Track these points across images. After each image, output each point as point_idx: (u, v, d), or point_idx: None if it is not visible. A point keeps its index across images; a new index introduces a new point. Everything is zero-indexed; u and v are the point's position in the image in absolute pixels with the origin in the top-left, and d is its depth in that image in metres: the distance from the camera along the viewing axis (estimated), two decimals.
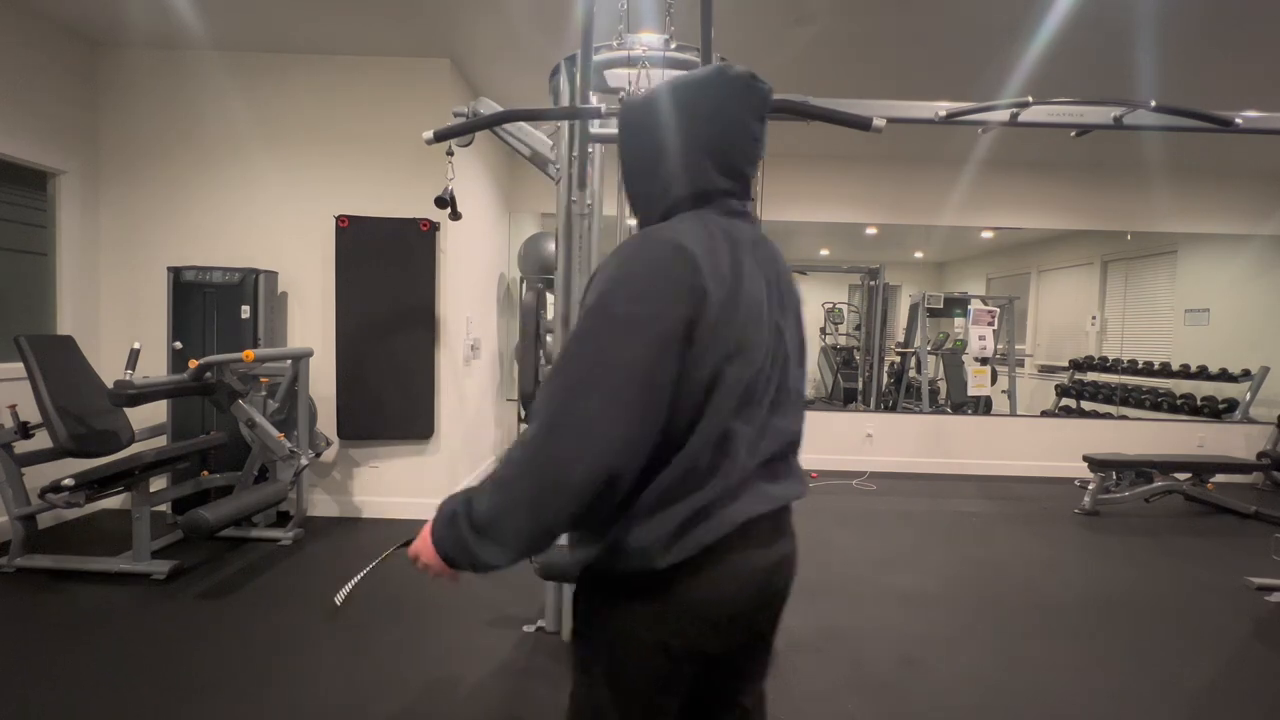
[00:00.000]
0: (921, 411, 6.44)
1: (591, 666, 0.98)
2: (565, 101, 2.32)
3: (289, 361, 3.63)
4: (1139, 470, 4.69)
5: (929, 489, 5.22)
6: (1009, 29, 3.32)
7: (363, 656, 2.40)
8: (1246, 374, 5.87)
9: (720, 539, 0.90)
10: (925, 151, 5.51)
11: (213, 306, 3.73)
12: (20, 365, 3.05)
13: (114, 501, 3.65)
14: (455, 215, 2.80)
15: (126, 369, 2.89)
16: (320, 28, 3.60)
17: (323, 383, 3.89)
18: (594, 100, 1.97)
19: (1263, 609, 3.03)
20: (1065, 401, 7.15)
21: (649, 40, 2.12)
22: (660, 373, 0.82)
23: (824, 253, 8.87)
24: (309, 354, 3.66)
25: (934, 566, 3.48)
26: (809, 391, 8.46)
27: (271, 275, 3.87)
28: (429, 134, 1.82)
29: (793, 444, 1.02)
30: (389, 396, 3.92)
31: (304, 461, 3.44)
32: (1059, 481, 5.46)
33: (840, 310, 8.32)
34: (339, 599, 2.67)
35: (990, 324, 6.13)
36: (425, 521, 0.92)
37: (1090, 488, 4.64)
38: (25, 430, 3.10)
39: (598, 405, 0.80)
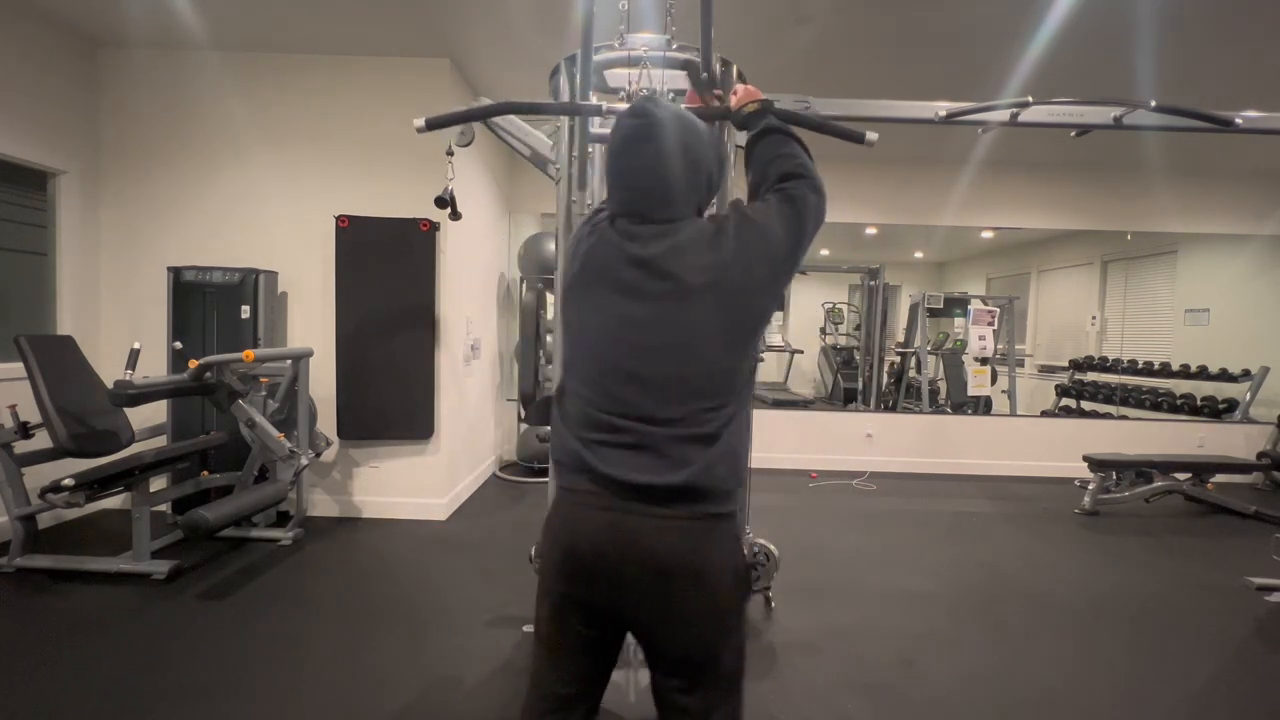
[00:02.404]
0: (921, 411, 6.43)
1: None
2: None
3: (289, 361, 3.62)
4: (1139, 470, 4.69)
5: (929, 489, 5.22)
6: (1009, 29, 3.32)
7: (363, 656, 2.40)
8: (1246, 374, 5.87)
9: (558, 488, 1.15)
10: (925, 151, 5.50)
11: (213, 306, 3.73)
12: (20, 365, 3.04)
13: (114, 501, 3.64)
14: (455, 215, 2.80)
15: (126, 369, 2.89)
16: (320, 28, 3.60)
17: (323, 383, 3.89)
18: (593, 99, 1.96)
19: (1263, 609, 3.03)
20: (1065, 401, 7.15)
21: (649, 40, 2.12)
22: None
23: (824, 253, 8.86)
24: (309, 354, 3.66)
25: (934, 566, 3.48)
26: (808, 391, 8.47)
27: (271, 275, 3.87)
28: (420, 121, 1.76)
29: (643, 429, 1.06)
30: (389, 396, 3.92)
31: (304, 461, 3.44)
32: (1059, 481, 5.45)
33: (840, 310, 8.32)
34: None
35: (990, 324, 6.13)
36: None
37: (1090, 488, 4.64)
38: (25, 430, 3.09)
39: None
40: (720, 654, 1.11)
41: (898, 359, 7.38)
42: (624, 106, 1.92)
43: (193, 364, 3.01)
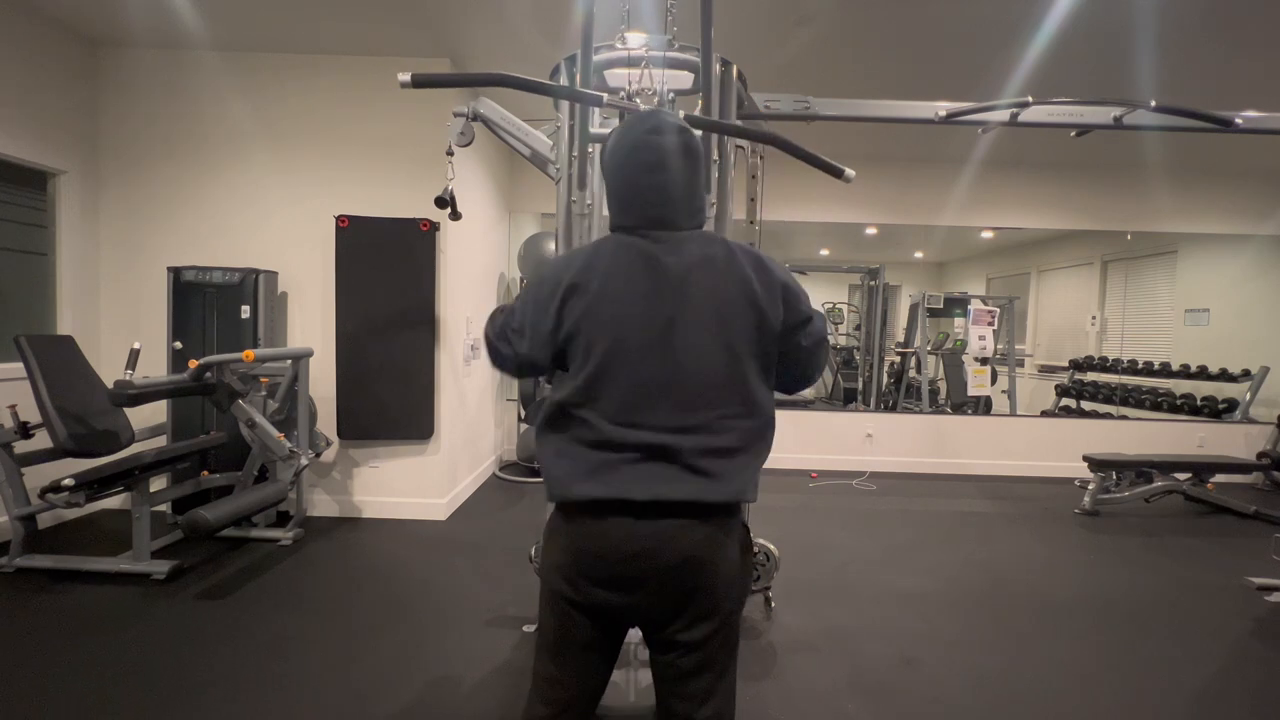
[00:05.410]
0: (921, 411, 6.43)
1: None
2: (565, 105, 2.32)
3: (289, 361, 3.62)
4: (1139, 470, 4.69)
5: (929, 489, 5.22)
6: (1009, 29, 3.32)
7: (363, 657, 2.40)
8: (1246, 374, 5.87)
9: (572, 501, 1.14)
10: (925, 151, 5.50)
11: (213, 306, 3.73)
12: (20, 365, 3.04)
13: (114, 501, 3.64)
14: (455, 215, 2.80)
15: (126, 369, 2.89)
16: (320, 28, 3.60)
17: (323, 383, 3.89)
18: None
19: (1263, 609, 3.04)
20: (1065, 401, 7.15)
21: (649, 40, 2.12)
22: (539, 322, 1.16)
23: (824, 253, 8.87)
24: (309, 354, 3.66)
25: (934, 566, 3.48)
26: (808, 392, 8.47)
27: (271, 275, 3.87)
28: (405, 76, 1.64)
29: (671, 442, 1.10)
30: (389, 396, 3.92)
31: (304, 461, 3.44)
32: (1059, 481, 5.46)
33: (840, 310, 8.32)
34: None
35: (990, 324, 6.13)
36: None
37: (1090, 488, 4.64)
38: (25, 430, 3.10)
39: (513, 316, 1.22)
40: (730, 635, 1.19)
41: (898, 359, 7.38)
42: (623, 102, 1.92)
43: (193, 364, 3.01)
